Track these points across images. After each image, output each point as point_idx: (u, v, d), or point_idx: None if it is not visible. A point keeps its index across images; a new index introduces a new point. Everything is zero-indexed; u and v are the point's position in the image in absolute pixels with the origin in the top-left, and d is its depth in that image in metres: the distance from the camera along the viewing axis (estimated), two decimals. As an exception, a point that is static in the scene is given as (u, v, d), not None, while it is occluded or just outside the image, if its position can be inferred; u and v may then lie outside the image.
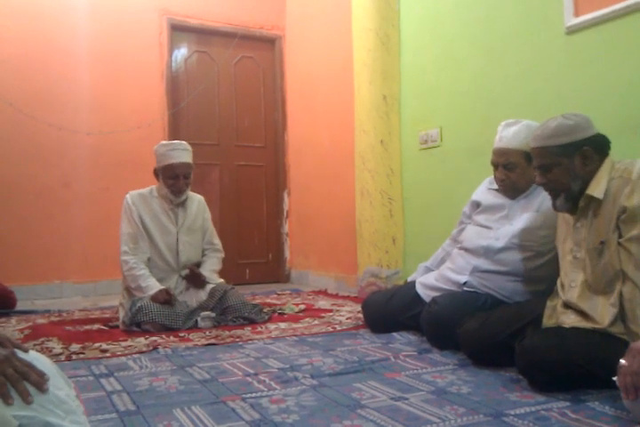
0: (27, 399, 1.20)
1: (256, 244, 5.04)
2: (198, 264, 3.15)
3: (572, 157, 1.77)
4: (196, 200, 3.19)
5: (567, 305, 1.81)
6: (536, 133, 1.84)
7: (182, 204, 3.09)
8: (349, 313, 3.15)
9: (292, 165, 5.06)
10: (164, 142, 3.05)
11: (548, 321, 1.85)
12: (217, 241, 3.25)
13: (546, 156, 1.80)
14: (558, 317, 1.81)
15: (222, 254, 3.26)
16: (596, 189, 1.74)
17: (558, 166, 1.79)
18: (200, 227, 3.17)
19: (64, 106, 4.30)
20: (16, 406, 1.18)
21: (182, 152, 2.98)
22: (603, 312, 1.68)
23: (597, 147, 1.78)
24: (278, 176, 5.12)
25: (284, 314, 3.18)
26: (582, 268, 1.78)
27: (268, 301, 3.72)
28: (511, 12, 2.88)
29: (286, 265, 5.11)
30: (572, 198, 1.80)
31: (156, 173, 3.04)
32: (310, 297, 3.89)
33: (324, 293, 4.11)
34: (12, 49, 4.14)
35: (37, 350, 1.55)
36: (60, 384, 1.33)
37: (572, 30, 2.55)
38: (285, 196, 5.11)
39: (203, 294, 3.02)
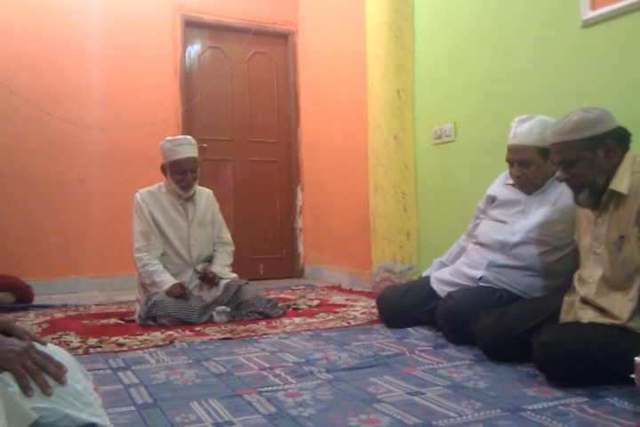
0: (46, 391, 1.21)
1: (270, 239, 5.05)
2: (210, 258, 3.17)
3: (595, 150, 1.73)
4: (204, 194, 3.20)
5: (585, 301, 1.79)
6: (555, 128, 1.79)
7: (191, 198, 3.10)
8: (364, 308, 3.15)
9: (306, 161, 5.05)
10: (169, 138, 3.05)
11: (565, 317, 1.83)
12: (225, 234, 3.26)
13: (568, 151, 1.76)
14: (576, 312, 1.80)
15: (232, 247, 3.26)
16: (620, 183, 1.71)
17: (582, 161, 1.74)
18: (210, 220, 3.18)
19: (79, 102, 4.32)
20: (36, 397, 1.19)
21: (188, 147, 3.00)
22: (621, 307, 1.66)
23: (619, 139, 1.75)
24: (291, 171, 5.12)
25: (299, 309, 3.19)
26: (601, 263, 1.75)
27: (282, 296, 3.72)
28: (526, 5, 2.85)
29: (300, 260, 5.11)
30: (596, 193, 1.76)
31: (164, 168, 3.06)
32: (324, 292, 3.90)
33: (338, 288, 4.11)
34: (27, 46, 4.17)
35: (55, 344, 1.56)
36: (78, 377, 1.35)
37: (588, 23, 2.53)
38: (299, 191, 5.11)
39: (217, 289, 3.04)
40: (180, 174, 2.99)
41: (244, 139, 4.97)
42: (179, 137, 3.06)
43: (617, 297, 1.69)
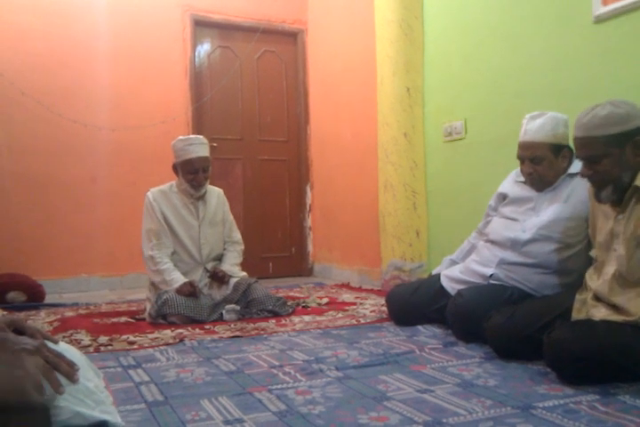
0: (58, 390, 1.22)
1: (279, 238, 5.06)
2: (220, 257, 3.18)
3: (622, 147, 1.68)
4: (215, 193, 3.21)
5: (598, 298, 1.78)
6: (582, 122, 1.73)
7: (202, 197, 3.12)
8: (373, 306, 3.14)
9: (315, 159, 5.05)
10: (181, 137, 3.07)
11: (577, 315, 1.82)
12: (236, 234, 3.27)
13: (595, 146, 1.70)
14: (588, 310, 1.78)
15: (242, 246, 3.28)
16: None
17: (608, 157, 1.69)
18: (221, 220, 3.20)
19: (89, 103, 4.34)
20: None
21: (200, 146, 3.01)
22: (636, 304, 1.64)
23: None
24: (301, 170, 5.12)
25: (308, 307, 3.19)
26: (617, 260, 1.72)
27: (292, 294, 3.73)
28: (537, 0, 2.83)
29: (309, 259, 5.11)
30: (620, 191, 1.71)
31: (175, 168, 3.08)
32: (334, 290, 3.90)
33: (347, 286, 4.11)
34: (37, 47, 4.19)
35: (66, 342, 1.57)
36: (89, 375, 1.35)
37: (600, 19, 2.50)
38: (308, 189, 5.11)
39: (227, 288, 3.05)
40: (192, 174, 3.00)
41: (253, 137, 4.97)
42: (191, 136, 3.07)
43: (632, 294, 1.67)
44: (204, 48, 4.82)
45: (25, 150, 4.16)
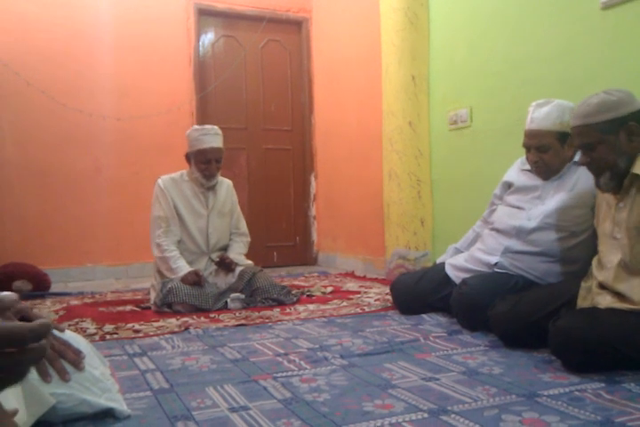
0: (64, 377, 1.23)
1: (283, 227, 5.06)
2: (225, 248, 3.18)
3: (617, 133, 1.70)
4: (224, 184, 3.22)
5: (603, 286, 1.77)
6: (577, 111, 1.76)
7: (212, 187, 3.12)
8: (378, 295, 3.15)
9: (320, 148, 5.04)
10: (196, 127, 3.06)
11: (582, 303, 1.82)
12: (243, 225, 3.28)
13: (589, 134, 1.73)
14: (593, 298, 1.78)
15: (248, 238, 3.29)
16: None
17: (603, 144, 1.71)
18: (229, 211, 3.21)
19: (93, 92, 4.33)
20: (54, 383, 1.21)
21: (214, 137, 3.01)
22: (640, 292, 1.64)
23: None
24: (305, 159, 5.11)
25: (313, 296, 3.19)
26: (620, 248, 1.73)
27: (296, 283, 3.73)
28: (544, -13, 2.80)
29: (314, 248, 5.12)
30: (618, 177, 1.73)
31: (188, 157, 3.08)
32: (338, 279, 3.90)
33: (352, 275, 4.11)
34: (42, 38, 4.17)
35: (72, 331, 1.58)
36: (95, 363, 1.36)
37: (607, 5, 2.47)
38: (313, 179, 5.10)
39: (232, 276, 3.06)
40: (205, 164, 3.00)
41: (257, 127, 4.96)
42: (206, 126, 3.06)
43: (636, 282, 1.67)
44: (208, 37, 4.79)
45: (30, 140, 4.16)
